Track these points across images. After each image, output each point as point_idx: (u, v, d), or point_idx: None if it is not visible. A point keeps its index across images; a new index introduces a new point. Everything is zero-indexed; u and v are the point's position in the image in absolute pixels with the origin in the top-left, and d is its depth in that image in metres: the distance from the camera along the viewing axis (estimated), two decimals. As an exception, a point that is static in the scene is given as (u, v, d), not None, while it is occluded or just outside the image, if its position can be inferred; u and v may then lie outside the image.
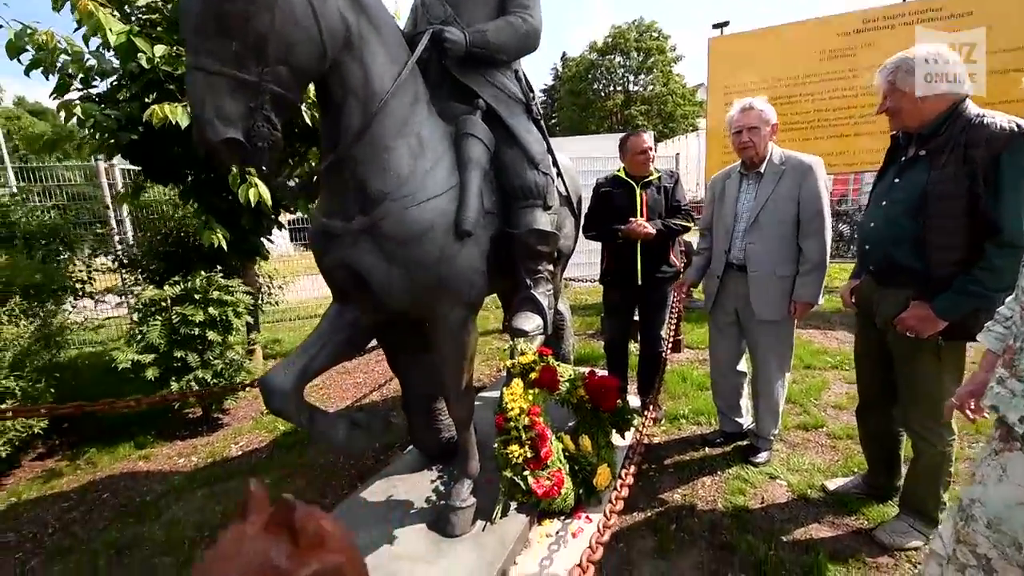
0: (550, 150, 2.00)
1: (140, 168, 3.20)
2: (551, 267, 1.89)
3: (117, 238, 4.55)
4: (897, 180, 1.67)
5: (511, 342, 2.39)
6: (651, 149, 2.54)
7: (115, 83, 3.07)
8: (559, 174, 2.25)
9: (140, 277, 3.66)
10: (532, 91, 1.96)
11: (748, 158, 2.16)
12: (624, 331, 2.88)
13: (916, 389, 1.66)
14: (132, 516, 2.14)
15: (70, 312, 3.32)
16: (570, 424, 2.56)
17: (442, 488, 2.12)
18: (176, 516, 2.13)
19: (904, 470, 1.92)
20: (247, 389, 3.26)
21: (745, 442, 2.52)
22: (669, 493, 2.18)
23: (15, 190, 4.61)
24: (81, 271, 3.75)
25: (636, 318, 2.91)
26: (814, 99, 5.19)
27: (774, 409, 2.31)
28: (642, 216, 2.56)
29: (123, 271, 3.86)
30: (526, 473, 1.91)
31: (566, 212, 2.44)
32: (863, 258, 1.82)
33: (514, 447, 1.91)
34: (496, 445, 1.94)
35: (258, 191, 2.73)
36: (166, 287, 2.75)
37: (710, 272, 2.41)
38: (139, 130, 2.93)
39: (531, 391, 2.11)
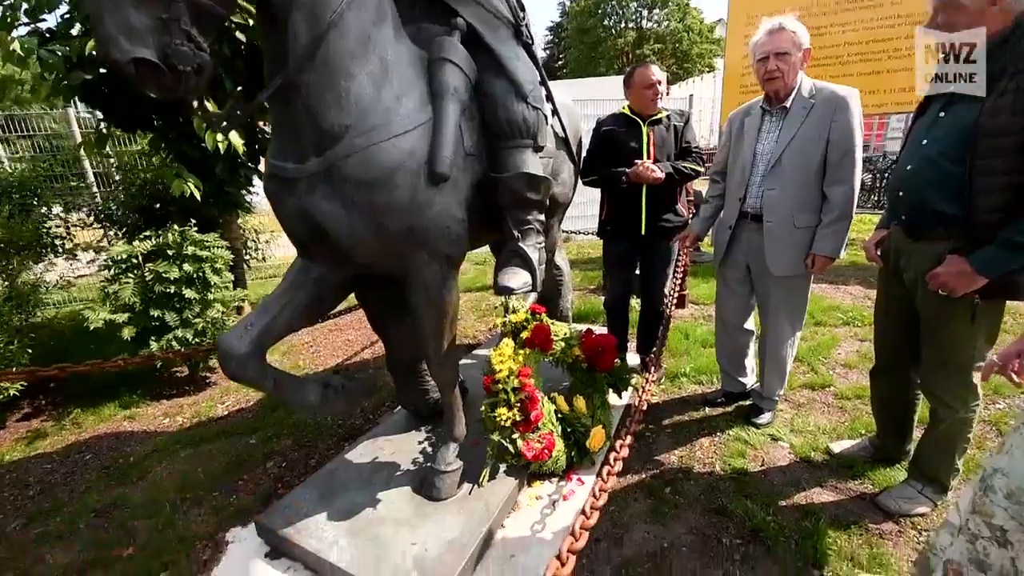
0: (544, 82, 1.76)
1: (102, 114, 2.96)
2: (542, 217, 1.71)
3: (96, 191, 4.36)
4: (942, 114, 1.44)
5: (504, 299, 2.25)
6: (660, 83, 2.27)
7: (66, 16, 2.78)
8: (555, 112, 2.01)
9: (118, 233, 3.52)
10: (524, 10, 1.69)
11: (774, 91, 1.91)
12: (626, 287, 2.72)
13: (944, 352, 1.52)
14: (114, 478, 2.12)
15: (43, 271, 3.20)
16: (564, 384, 2.48)
17: (429, 450, 2.06)
18: (158, 477, 2.10)
19: (917, 434, 1.82)
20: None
21: (748, 402, 2.43)
22: (666, 454, 2.11)
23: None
24: (58, 227, 3.61)
25: (638, 272, 2.76)
26: (845, 30, 4.71)
27: (781, 369, 2.19)
28: (649, 158, 2.33)
29: (103, 226, 3.70)
30: (515, 436, 1.83)
31: (563, 156, 2.22)
32: (894, 206, 1.62)
33: (502, 410, 1.82)
34: (483, 408, 1.85)
35: (226, 137, 2.51)
36: (136, 242, 2.61)
37: (721, 222, 2.21)
38: (97, 71, 2.68)
39: (522, 351, 2.00)
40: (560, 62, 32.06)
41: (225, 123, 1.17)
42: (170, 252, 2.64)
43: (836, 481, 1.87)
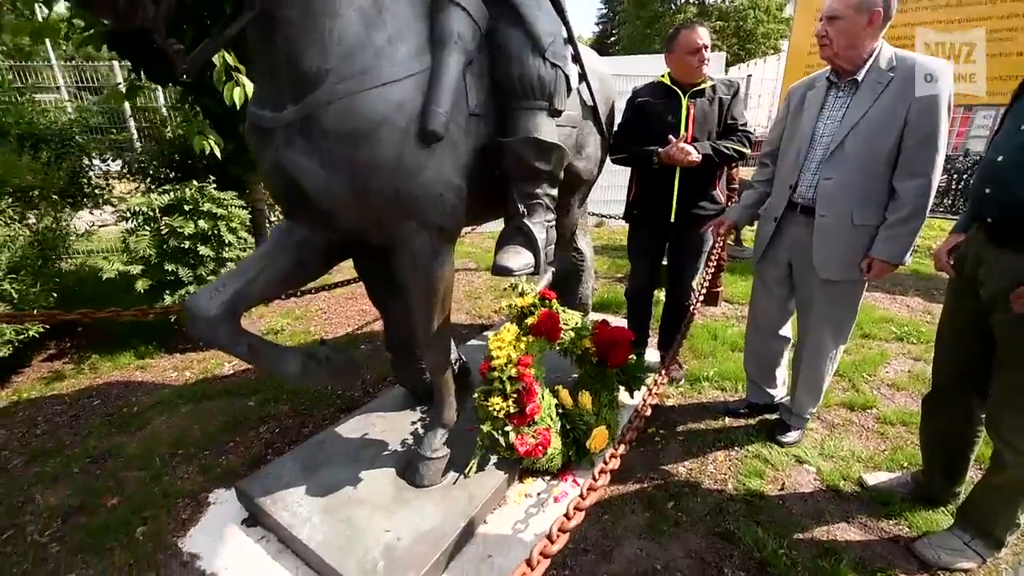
0: (571, 40, 1.56)
1: (130, 64, 2.97)
2: (553, 192, 1.55)
3: (137, 145, 4.47)
4: None
5: (516, 280, 2.11)
6: (707, 48, 2.01)
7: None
8: (583, 76, 1.81)
9: (151, 186, 3.59)
10: None
11: (826, 59, 1.63)
12: (650, 278, 2.52)
13: (1020, 386, 1.27)
14: (116, 425, 2.16)
15: (73, 219, 3.30)
16: (573, 376, 2.34)
17: (420, 432, 1.98)
18: (156, 430, 2.13)
19: (971, 476, 1.57)
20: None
21: (774, 416, 2.21)
22: (674, 464, 1.94)
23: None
24: (98, 178, 3.72)
25: (666, 262, 2.54)
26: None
27: (816, 386, 1.96)
28: (686, 135, 2.09)
29: (136, 179, 3.80)
30: (508, 429, 1.72)
31: (590, 127, 2.02)
32: (978, 205, 1.35)
33: (496, 400, 1.70)
34: (476, 395, 1.74)
35: (243, 91, 2.45)
36: (153, 195, 2.62)
37: (766, 212, 1.96)
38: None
39: (525, 338, 1.86)
40: (613, 38, 30.71)
41: (187, 65, 1.05)
42: (187, 207, 2.64)
43: (866, 518, 1.66)
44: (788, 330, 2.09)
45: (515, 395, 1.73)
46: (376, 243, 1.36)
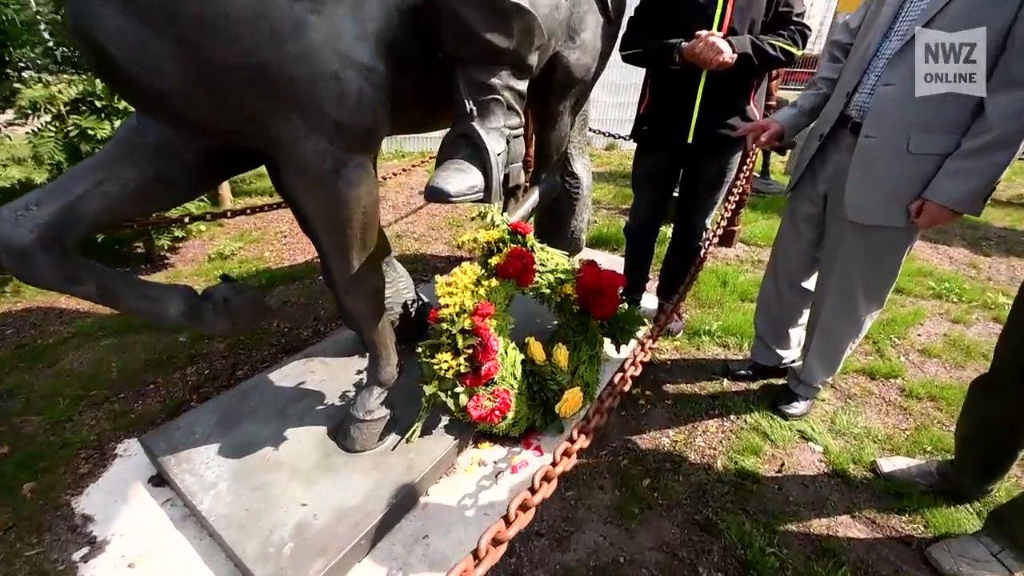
0: None
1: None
2: (520, 85, 1.13)
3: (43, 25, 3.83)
4: None
5: (482, 208, 1.75)
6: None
7: None
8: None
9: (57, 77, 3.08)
10: None
11: None
12: (656, 212, 2.13)
13: None
14: (25, 359, 1.94)
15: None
16: (553, 324, 2.05)
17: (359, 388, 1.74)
18: (68, 367, 1.91)
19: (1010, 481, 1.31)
20: (197, 226, 2.90)
21: (781, 382, 1.93)
22: (657, 433, 1.70)
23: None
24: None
25: (677, 193, 2.14)
26: None
27: (833, 354, 1.65)
28: (720, 27, 1.61)
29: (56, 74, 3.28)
30: (459, 390, 1.45)
31: (589, 3, 1.53)
32: None
33: (445, 356, 1.42)
34: (421, 349, 1.46)
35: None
36: (55, 87, 2.18)
37: (813, 129, 1.54)
38: None
39: (487, 282, 1.54)
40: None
41: None
42: (99, 104, 2.22)
43: (875, 512, 1.43)
44: (812, 283, 1.75)
45: (468, 351, 1.44)
46: (258, 150, 0.99)
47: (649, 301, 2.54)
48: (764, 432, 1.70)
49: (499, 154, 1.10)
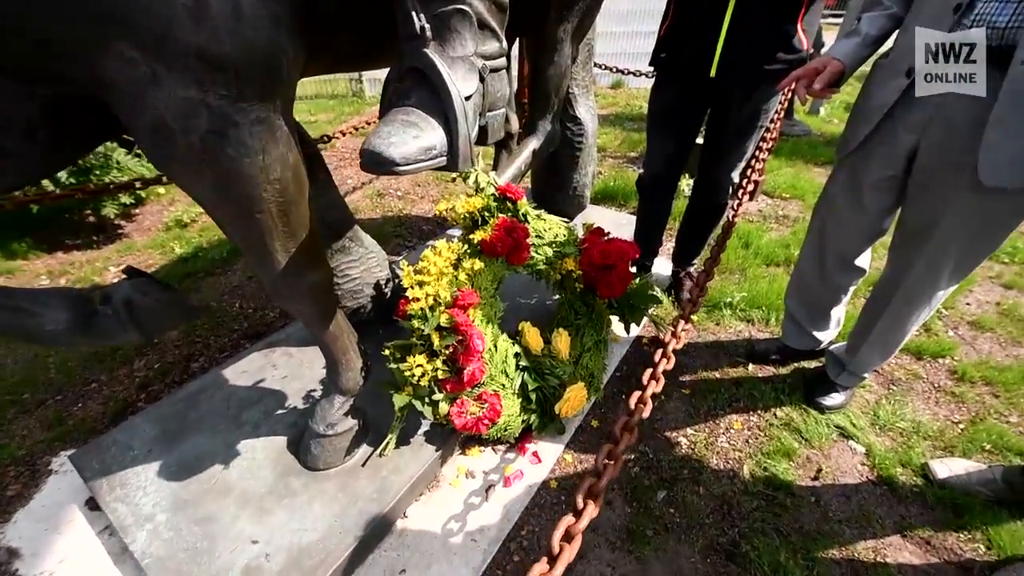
0: None
1: None
2: None
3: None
4: None
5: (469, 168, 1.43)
6: None
7: None
8: None
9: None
10: None
11: None
12: (674, 161, 1.79)
13: None
14: (-53, 354, 1.71)
15: None
16: (553, 299, 1.79)
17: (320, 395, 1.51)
18: (-2, 362, 1.68)
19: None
20: (154, 189, 2.58)
21: (814, 365, 1.69)
22: (672, 432, 1.48)
23: None
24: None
25: (701, 140, 1.81)
26: None
27: (900, 339, 1.39)
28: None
29: None
30: (438, 397, 1.21)
31: None
32: None
33: (418, 359, 1.17)
34: (388, 351, 1.21)
35: None
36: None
37: (888, 62, 1.17)
38: None
39: (469, 263, 1.26)
40: None
41: None
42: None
43: (930, 529, 1.23)
44: (866, 259, 1.45)
45: (447, 351, 1.19)
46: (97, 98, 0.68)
47: (662, 266, 2.26)
48: (797, 429, 1.48)
49: (468, 97, 0.78)
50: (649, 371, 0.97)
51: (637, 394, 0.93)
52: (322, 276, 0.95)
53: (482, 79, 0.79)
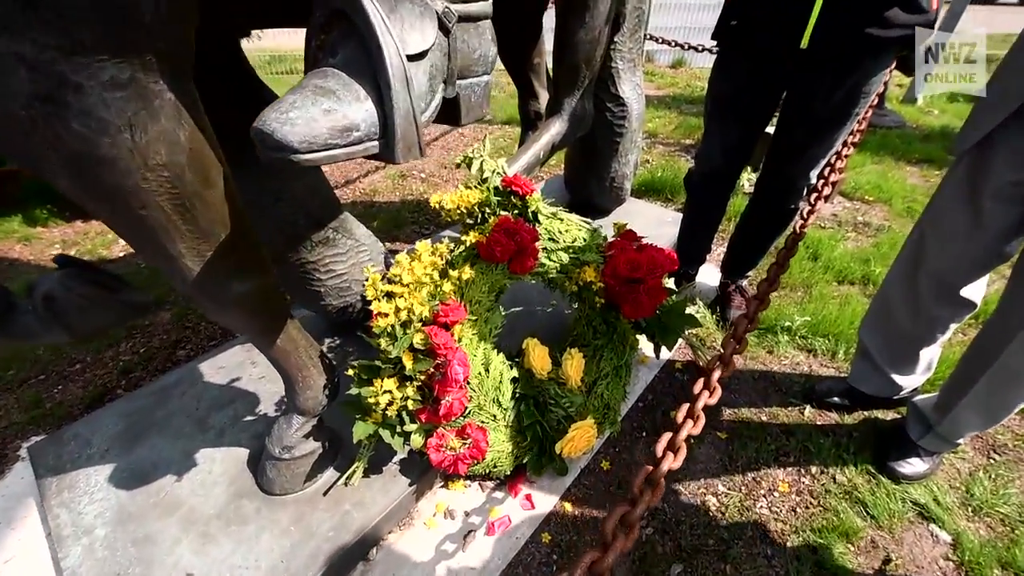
0: None
1: None
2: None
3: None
4: None
5: (471, 153, 1.21)
6: None
7: None
8: None
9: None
10: None
11: None
12: (737, 152, 1.51)
13: None
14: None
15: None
16: (569, 310, 1.56)
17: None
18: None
19: None
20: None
21: (891, 416, 1.38)
22: (699, 485, 1.23)
23: None
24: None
25: (772, 128, 1.49)
26: None
27: (1007, 402, 1.07)
28: None
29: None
30: (410, 428, 1.03)
31: None
32: None
33: (387, 383, 0.98)
34: (352, 370, 1.03)
35: None
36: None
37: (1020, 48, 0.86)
38: None
39: (460, 270, 1.06)
40: None
41: None
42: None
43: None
44: (978, 291, 1.12)
45: (422, 377, 1.00)
46: None
47: (708, 275, 1.96)
48: (861, 500, 1.18)
49: (418, 55, 0.55)
50: (685, 408, 0.76)
51: (667, 438, 0.74)
52: (256, 284, 0.78)
53: (445, 30, 0.57)
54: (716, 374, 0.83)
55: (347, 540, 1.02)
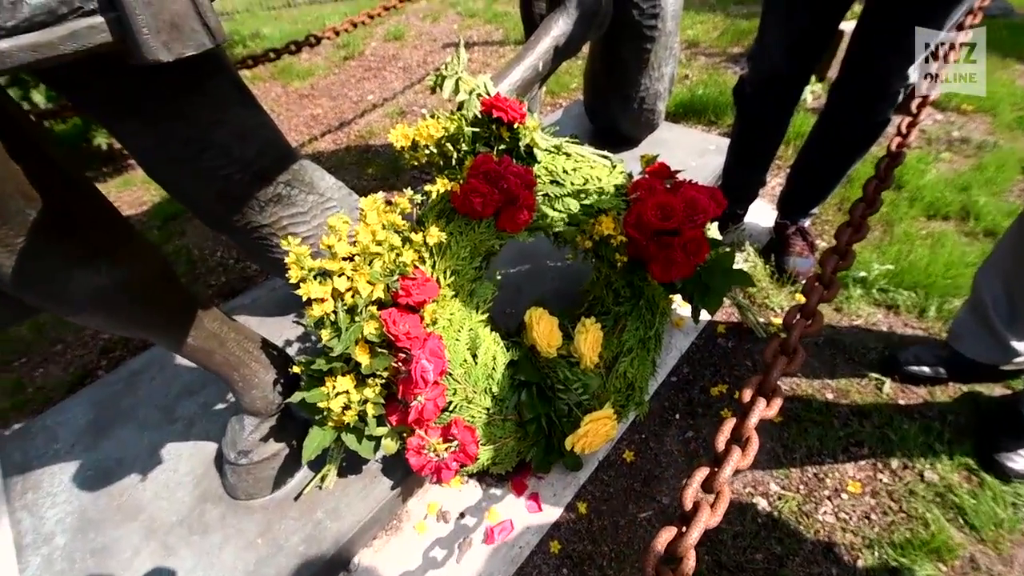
0: None
1: None
2: None
3: None
4: None
5: (443, 69, 0.93)
6: None
7: None
8: None
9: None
10: None
11: None
12: (804, 53, 1.17)
13: None
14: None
15: None
16: (578, 267, 1.31)
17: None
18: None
19: None
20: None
21: (998, 393, 1.08)
22: (747, 483, 1.01)
23: None
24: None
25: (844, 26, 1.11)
26: None
27: None
28: None
29: None
30: (380, 432, 0.85)
31: None
32: None
33: (341, 382, 0.79)
34: (298, 368, 0.83)
35: None
36: None
37: None
38: None
39: (428, 229, 0.82)
40: None
41: None
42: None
43: None
44: None
45: (384, 375, 0.79)
46: None
47: (760, 214, 1.63)
48: (958, 506, 0.93)
49: None
50: (755, 381, 0.56)
51: (730, 424, 0.53)
52: (122, 273, 0.57)
53: None
54: (796, 332, 0.58)
55: (319, 555, 0.88)
